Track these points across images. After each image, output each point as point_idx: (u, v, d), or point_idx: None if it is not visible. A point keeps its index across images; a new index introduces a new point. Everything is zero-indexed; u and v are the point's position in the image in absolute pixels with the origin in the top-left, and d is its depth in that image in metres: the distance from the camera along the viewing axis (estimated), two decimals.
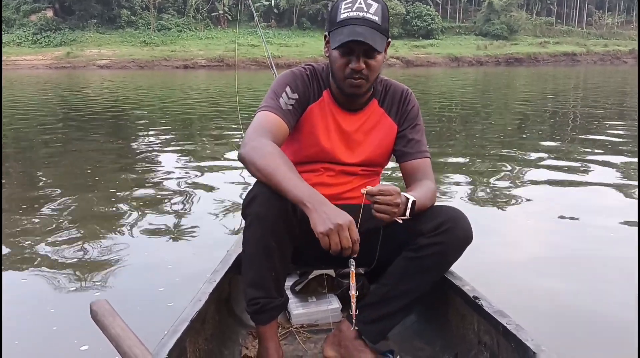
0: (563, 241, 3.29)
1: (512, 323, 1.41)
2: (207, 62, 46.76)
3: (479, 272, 2.33)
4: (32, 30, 51.76)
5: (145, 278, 2.72)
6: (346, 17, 1.51)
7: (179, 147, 6.80)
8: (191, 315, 1.45)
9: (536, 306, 2.41)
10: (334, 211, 1.31)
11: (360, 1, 1.52)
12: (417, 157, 1.71)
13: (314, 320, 1.85)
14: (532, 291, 2.56)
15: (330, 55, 1.60)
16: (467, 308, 1.60)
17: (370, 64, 1.54)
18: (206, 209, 3.89)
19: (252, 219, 1.45)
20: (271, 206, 1.42)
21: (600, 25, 75.65)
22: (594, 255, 3.06)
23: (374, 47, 1.48)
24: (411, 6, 63.68)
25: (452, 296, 1.67)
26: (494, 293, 1.67)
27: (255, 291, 1.52)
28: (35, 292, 2.54)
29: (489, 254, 2.93)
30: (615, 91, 17.32)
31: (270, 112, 1.58)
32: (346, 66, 1.54)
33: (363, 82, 1.57)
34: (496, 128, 8.54)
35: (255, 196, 1.45)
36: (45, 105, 13.16)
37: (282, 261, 1.51)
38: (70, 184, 4.75)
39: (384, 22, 1.53)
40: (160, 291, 2.55)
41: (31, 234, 3.32)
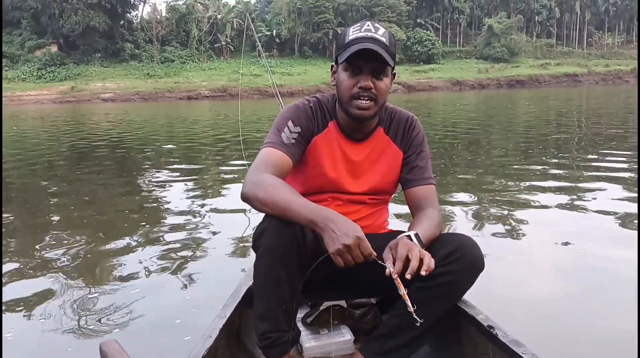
0: (574, 266, 3.21)
1: (529, 353, 1.37)
2: (210, 93, 47.13)
3: (491, 299, 2.31)
4: (36, 66, 52.45)
5: (160, 312, 2.66)
6: (355, 37, 1.54)
7: (184, 179, 6.72)
8: (202, 352, 1.42)
9: (550, 333, 2.34)
10: (343, 227, 1.32)
11: (369, 24, 1.56)
12: (422, 184, 1.71)
13: (327, 353, 1.79)
14: (545, 318, 2.49)
15: (337, 79, 1.62)
16: (481, 337, 1.56)
17: (378, 85, 1.56)
18: (217, 242, 3.83)
19: (262, 251, 1.45)
20: (281, 238, 1.42)
21: (601, 45, 76.16)
22: (607, 279, 2.97)
23: (384, 59, 1.50)
24: (411, 32, 64.45)
25: (465, 325, 1.64)
26: (507, 319, 1.66)
27: (266, 325, 1.51)
28: (43, 333, 2.44)
29: (500, 281, 2.88)
30: (619, 110, 17.15)
31: (272, 148, 1.60)
32: (354, 85, 1.56)
33: (371, 104, 1.57)
34: (501, 152, 8.41)
35: (265, 229, 1.45)
36: (50, 139, 13.17)
37: (293, 293, 1.50)
38: (76, 219, 4.69)
39: (391, 45, 1.56)
40: (177, 323, 2.50)
41: (36, 270, 3.25)
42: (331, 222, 1.33)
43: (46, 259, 3.48)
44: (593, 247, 3.48)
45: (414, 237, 1.47)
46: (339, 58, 1.59)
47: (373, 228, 1.78)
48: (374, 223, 1.79)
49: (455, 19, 73.48)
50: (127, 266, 3.32)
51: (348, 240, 1.30)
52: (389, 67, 1.57)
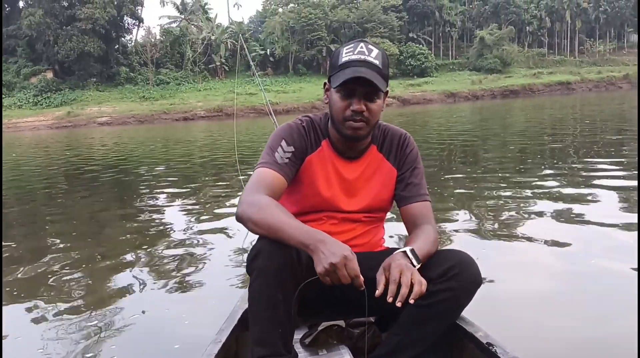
0: (574, 279, 3.16)
1: None
2: (206, 113, 47.25)
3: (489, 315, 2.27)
4: (32, 92, 52.62)
5: (158, 337, 2.62)
6: (348, 60, 1.55)
7: (181, 201, 6.67)
8: None
9: (549, 347, 2.30)
10: (331, 248, 1.31)
11: (362, 46, 1.56)
12: (417, 201, 1.71)
13: None
14: (544, 332, 2.46)
15: (330, 99, 1.63)
16: (481, 355, 1.55)
17: (371, 107, 1.56)
18: (215, 263, 3.80)
19: (257, 274, 1.44)
20: (276, 259, 1.40)
21: (593, 53, 76.77)
22: (608, 292, 2.91)
23: (376, 85, 1.51)
24: (404, 46, 64.96)
25: (465, 342, 1.62)
26: (505, 334, 1.66)
27: (263, 349, 1.47)
28: (36, 354, 2.43)
29: (498, 296, 2.84)
30: (614, 117, 17.20)
31: (266, 168, 1.60)
32: (347, 108, 1.56)
33: (363, 125, 1.58)
34: (497, 162, 8.36)
35: (259, 251, 1.43)
36: (47, 165, 13.14)
37: (289, 315, 1.46)
38: (74, 243, 4.67)
39: (384, 67, 1.56)
40: (175, 350, 2.44)
41: (34, 290, 3.27)
42: (321, 244, 1.33)
43: (43, 281, 3.49)
44: (593, 259, 3.41)
45: (410, 253, 1.47)
46: (332, 80, 1.59)
47: (369, 246, 1.77)
48: (370, 241, 1.78)
49: (447, 32, 74.10)
50: (124, 290, 3.30)
51: (335, 259, 1.30)
52: (380, 90, 1.56)
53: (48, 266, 3.83)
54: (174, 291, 3.26)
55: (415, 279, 1.36)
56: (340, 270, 1.30)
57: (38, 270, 3.77)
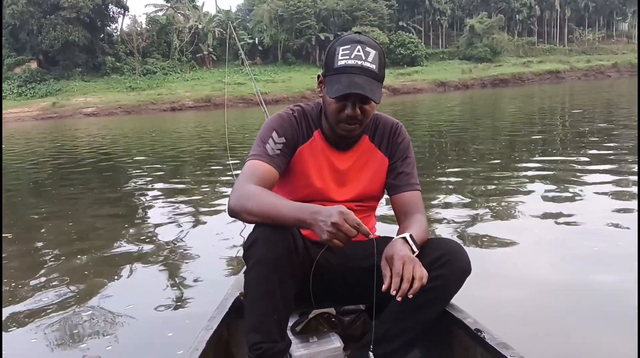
0: (562, 269, 3.14)
1: (516, 355, 1.39)
2: (194, 103, 46.77)
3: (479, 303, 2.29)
4: (16, 83, 51.84)
5: (152, 325, 2.65)
6: (344, 65, 1.51)
7: (171, 191, 6.63)
8: None
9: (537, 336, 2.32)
10: (326, 214, 1.32)
11: (359, 48, 1.52)
12: (407, 190, 1.71)
13: None
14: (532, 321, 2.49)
15: (324, 98, 1.61)
16: (470, 341, 1.57)
17: (366, 109, 1.56)
18: (207, 253, 3.79)
19: (253, 261, 1.44)
20: (272, 247, 1.41)
21: (582, 41, 76.99)
22: (596, 282, 2.90)
23: (372, 99, 1.50)
24: (394, 35, 64.61)
25: (454, 329, 1.64)
26: (494, 322, 1.67)
27: (258, 335, 1.49)
28: (30, 347, 2.45)
29: (487, 284, 2.86)
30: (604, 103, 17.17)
31: (257, 160, 1.60)
32: (341, 111, 1.56)
33: (357, 127, 1.60)
34: (487, 152, 8.26)
35: (256, 239, 1.44)
36: (33, 157, 12.83)
37: (285, 303, 1.49)
38: (62, 234, 4.64)
39: (380, 69, 1.55)
40: (169, 337, 2.48)
41: (25, 286, 3.23)
42: (317, 214, 1.33)
43: (34, 275, 3.44)
44: (582, 249, 3.40)
45: (409, 238, 1.47)
46: (327, 84, 1.56)
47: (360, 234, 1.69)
48: None
49: (437, 21, 73.89)
50: (117, 281, 3.32)
51: (333, 218, 1.29)
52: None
53: (36, 260, 3.81)
54: (168, 280, 3.29)
55: (417, 273, 1.35)
56: (342, 225, 1.29)
57: (25, 262, 3.75)
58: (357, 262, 1.44)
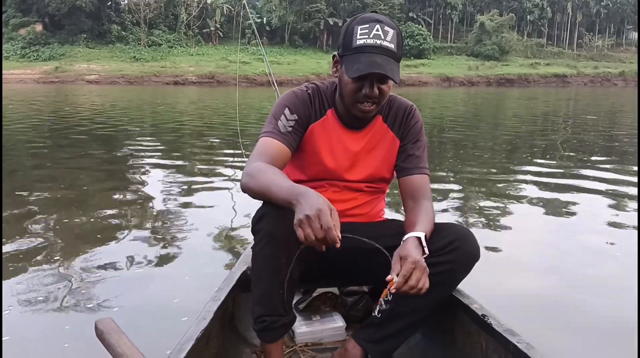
0: (568, 259, 3.21)
1: (523, 342, 1.37)
2: (197, 79, 46.46)
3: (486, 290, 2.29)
4: (20, 44, 51.38)
5: (158, 292, 2.69)
6: (363, 44, 1.49)
7: (173, 165, 6.59)
8: (196, 333, 1.43)
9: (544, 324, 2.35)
10: (309, 200, 1.25)
11: (378, 27, 1.50)
12: (416, 173, 1.69)
13: (318, 339, 1.83)
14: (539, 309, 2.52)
15: (340, 77, 1.59)
16: (475, 326, 1.57)
17: (383, 89, 1.54)
18: (215, 223, 3.82)
19: (262, 236, 1.44)
20: (281, 223, 1.39)
21: (591, 47, 76.65)
22: (601, 271, 3.00)
23: (392, 78, 1.49)
24: (403, 26, 64.10)
25: (459, 314, 1.64)
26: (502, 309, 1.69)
27: (263, 309, 1.51)
28: (40, 311, 2.45)
29: (494, 272, 2.89)
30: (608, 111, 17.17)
31: (268, 137, 1.59)
32: (358, 90, 1.53)
33: (373, 108, 1.57)
34: (490, 147, 8.23)
35: (264, 213, 1.44)
36: (33, 120, 12.69)
37: (291, 279, 1.48)
38: (60, 201, 4.59)
39: (399, 49, 1.53)
40: (175, 303, 2.53)
41: (27, 253, 3.18)
42: (302, 196, 1.26)
43: (29, 244, 3.37)
44: (587, 239, 3.50)
45: (424, 241, 1.47)
46: (345, 63, 1.52)
47: (369, 216, 1.77)
48: (370, 212, 1.78)
49: (448, 15, 73.38)
50: (124, 249, 3.30)
51: (309, 211, 1.21)
52: None
53: (34, 230, 3.69)
54: (176, 249, 3.32)
55: (421, 283, 1.36)
56: (314, 221, 1.20)
57: (24, 232, 3.63)
58: (365, 243, 1.38)
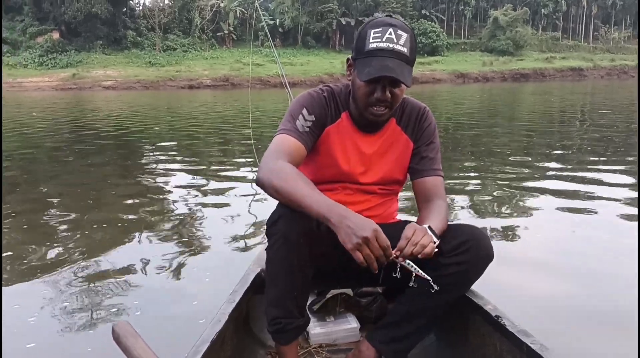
0: (584, 262, 3.18)
1: (537, 343, 1.37)
2: (212, 82, 46.74)
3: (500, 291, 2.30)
4: (38, 52, 52.09)
5: (177, 294, 2.75)
6: (375, 48, 1.50)
7: (188, 167, 6.74)
8: (211, 336, 1.45)
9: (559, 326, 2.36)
10: (357, 222, 1.29)
11: (391, 31, 1.51)
12: (430, 175, 1.71)
13: (333, 340, 1.84)
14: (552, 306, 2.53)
15: (353, 81, 1.60)
16: (489, 327, 1.57)
17: (395, 93, 1.55)
18: (223, 227, 3.89)
19: (276, 238, 1.45)
20: (296, 226, 1.42)
21: (607, 39, 75.51)
22: (612, 265, 3.03)
23: (403, 82, 1.49)
24: (416, 23, 63.80)
25: (472, 315, 1.64)
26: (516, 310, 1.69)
27: (277, 311, 1.53)
28: (59, 316, 2.52)
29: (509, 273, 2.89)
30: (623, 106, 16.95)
31: (286, 135, 1.59)
32: (371, 94, 1.55)
33: (386, 112, 1.59)
34: (503, 145, 8.25)
35: (280, 216, 1.44)
36: (51, 127, 12.97)
37: (305, 281, 1.52)
38: (80, 205, 4.69)
39: (412, 53, 1.54)
40: (194, 305, 2.60)
41: (40, 256, 3.29)
42: (346, 218, 1.29)
43: (50, 245, 3.48)
44: (602, 242, 3.47)
45: (429, 231, 1.44)
46: (358, 67, 1.55)
47: (382, 218, 1.76)
48: (384, 213, 1.79)
49: (461, 11, 72.83)
50: (145, 253, 3.36)
51: (365, 233, 1.26)
52: None
53: (53, 234, 3.78)
54: (190, 252, 3.38)
55: (425, 241, 1.36)
56: (372, 242, 1.26)
57: (43, 236, 3.72)
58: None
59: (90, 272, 3.02)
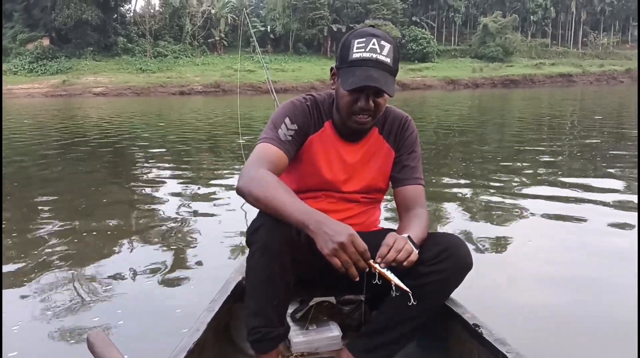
0: (563, 270, 3.18)
1: (513, 352, 1.40)
2: (203, 88, 46.69)
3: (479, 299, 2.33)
4: (28, 59, 51.80)
5: (161, 303, 2.73)
6: (359, 58, 1.52)
7: (177, 174, 6.72)
8: (189, 345, 1.42)
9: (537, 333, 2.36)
10: (334, 228, 1.31)
11: (374, 42, 1.53)
12: (411, 183, 1.73)
13: (314, 348, 1.83)
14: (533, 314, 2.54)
15: (337, 90, 1.62)
16: (468, 335, 1.59)
17: (378, 102, 1.57)
18: (209, 236, 3.87)
19: (257, 247, 1.46)
20: (276, 234, 1.42)
21: (596, 45, 76.24)
22: (595, 274, 3.03)
23: (386, 92, 1.51)
24: (406, 30, 64.17)
25: (452, 323, 1.67)
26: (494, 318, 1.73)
27: (257, 320, 1.53)
28: (34, 323, 2.51)
29: (489, 281, 2.90)
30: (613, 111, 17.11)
31: (268, 143, 1.60)
32: (354, 103, 1.56)
33: (369, 120, 1.60)
34: (492, 151, 8.29)
35: (261, 225, 1.45)
36: (41, 134, 12.88)
37: (285, 290, 1.52)
38: (68, 213, 4.66)
39: (395, 63, 1.56)
40: (177, 313, 2.57)
41: (27, 264, 3.27)
42: (323, 225, 1.31)
43: (38, 253, 3.48)
44: (590, 249, 3.47)
45: (408, 240, 1.47)
46: (341, 76, 1.57)
47: (364, 226, 1.78)
48: (366, 221, 1.80)
49: (451, 18, 73.32)
50: (131, 260, 3.34)
51: (341, 238, 1.28)
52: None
53: (39, 238, 3.80)
54: (174, 259, 3.36)
55: (407, 248, 1.40)
56: (349, 247, 1.28)
57: (27, 243, 3.72)
58: None
59: (76, 280, 3.00)
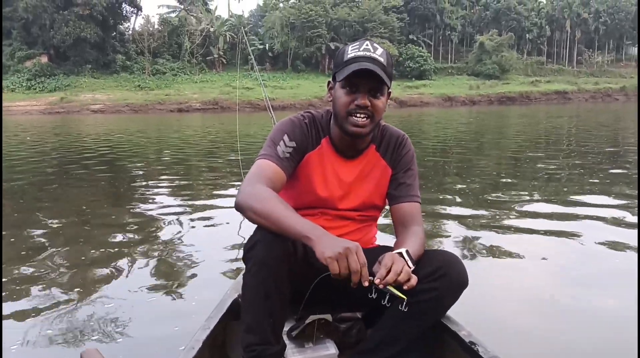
0: (558, 286, 3.17)
1: None
2: (201, 106, 46.87)
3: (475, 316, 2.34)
4: (26, 76, 52.02)
5: (158, 320, 2.71)
6: (354, 56, 1.56)
7: (175, 192, 6.71)
8: None
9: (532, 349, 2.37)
10: (338, 239, 1.34)
11: (367, 44, 1.58)
12: (407, 201, 1.73)
13: None
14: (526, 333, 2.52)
15: (334, 95, 1.64)
16: (464, 353, 1.59)
17: (375, 103, 1.58)
18: (207, 253, 3.83)
19: (253, 263, 1.45)
20: (273, 251, 1.42)
21: (591, 63, 77.06)
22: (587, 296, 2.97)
23: (382, 79, 1.53)
24: (404, 48, 64.81)
25: (448, 341, 1.66)
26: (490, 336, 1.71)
27: (252, 337, 1.50)
28: (28, 340, 2.48)
29: (484, 298, 2.88)
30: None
31: (267, 160, 1.61)
32: (351, 102, 1.57)
33: (367, 122, 1.59)
34: (490, 169, 8.28)
35: (257, 241, 1.45)
36: (39, 151, 12.83)
37: (282, 307, 1.51)
38: (65, 230, 4.65)
39: (388, 66, 1.59)
40: (175, 331, 2.54)
41: (24, 281, 3.25)
42: (327, 236, 1.34)
43: (34, 270, 3.46)
44: (578, 267, 3.46)
45: (405, 254, 1.49)
46: (337, 76, 1.59)
47: (361, 243, 1.69)
48: (362, 239, 1.77)
49: (447, 36, 74.07)
50: (130, 277, 3.34)
51: (348, 244, 1.30)
52: (385, 86, 1.59)
53: (35, 257, 3.75)
54: (172, 276, 3.34)
55: (405, 270, 1.39)
56: (352, 254, 1.29)
57: (25, 260, 3.69)
58: None
59: (74, 298, 2.97)
